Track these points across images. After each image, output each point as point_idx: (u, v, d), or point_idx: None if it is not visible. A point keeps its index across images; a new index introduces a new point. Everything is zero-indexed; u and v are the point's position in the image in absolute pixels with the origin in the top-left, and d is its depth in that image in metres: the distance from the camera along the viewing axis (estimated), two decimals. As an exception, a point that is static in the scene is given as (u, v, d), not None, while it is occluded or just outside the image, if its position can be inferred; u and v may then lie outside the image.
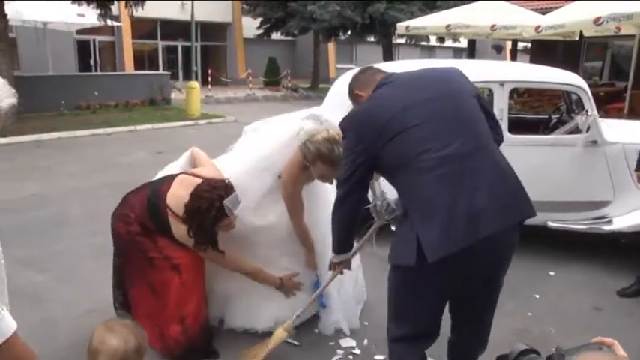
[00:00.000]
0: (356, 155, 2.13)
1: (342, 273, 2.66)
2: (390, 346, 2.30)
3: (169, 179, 3.02)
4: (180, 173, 3.09)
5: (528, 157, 4.37)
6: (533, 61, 14.11)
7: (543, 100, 10.83)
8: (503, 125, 4.35)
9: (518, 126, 5.07)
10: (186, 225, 2.80)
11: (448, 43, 23.43)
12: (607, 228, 4.29)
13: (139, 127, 12.04)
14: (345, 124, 2.23)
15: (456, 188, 1.95)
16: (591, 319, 3.56)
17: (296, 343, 3.16)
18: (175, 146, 9.60)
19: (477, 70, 4.86)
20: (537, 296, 3.87)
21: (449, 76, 2.24)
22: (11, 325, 1.31)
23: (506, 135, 4.34)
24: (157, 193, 2.94)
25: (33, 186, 6.71)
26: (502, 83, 4.32)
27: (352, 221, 2.31)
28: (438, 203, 1.95)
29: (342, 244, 2.43)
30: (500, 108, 4.36)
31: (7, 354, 1.30)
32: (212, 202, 2.71)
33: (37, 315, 3.42)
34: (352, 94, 2.41)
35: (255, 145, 3.25)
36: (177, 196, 2.84)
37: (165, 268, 2.91)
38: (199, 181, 2.86)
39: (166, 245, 2.91)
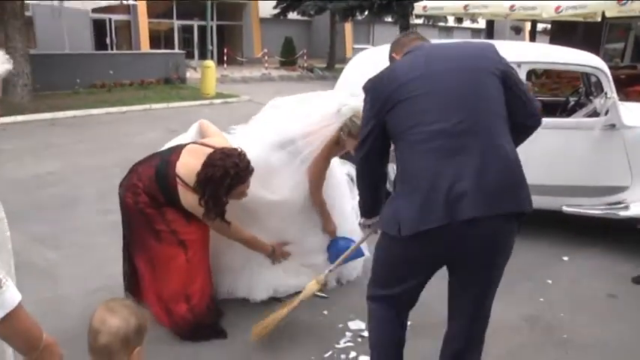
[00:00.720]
0: (369, 118, 2.14)
1: (376, 232, 2.51)
2: (367, 302, 2.38)
3: (178, 149, 3.00)
4: (189, 143, 3.08)
5: (544, 140, 4.28)
6: (552, 42, 13.78)
7: (562, 82, 10.58)
8: (520, 107, 4.27)
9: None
10: (196, 194, 2.78)
11: (466, 23, 23.01)
12: (623, 214, 4.20)
13: (153, 106, 12.07)
14: (365, 86, 2.21)
15: (442, 165, 1.92)
16: (605, 306, 3.50)
17: (325, 295, 3.38)
18: (190, 125, 9.61)
19: None
20: (550, 282, 3.81)
21: (478, 51, 2.16)
22: (15, 296, 1.29)
23: (523, 117, 4.27)
24: (166, 163, 2.92)
25: (48, 163, 6.77)
26: (519, 64, 4.21)
27: (375, 185, 2.31)
28: (421, 180, 1.94)
29: (369, 207, 2.41)
30: (517, 90, 4.26)
31: (11, 326, 1.28)
32: (227, 170, 2.70)
33: (49, 292, 3.46)
34: (390, 55, 2.40)
35: (279, 122, 3.33)
36: (188, 165, 2.83)
37: (172, 243, 2.91)
38: (210, 150, 2.85)
39: (175, 219, 2.91)
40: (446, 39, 24.67)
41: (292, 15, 22.19)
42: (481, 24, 18.03)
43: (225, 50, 20.09)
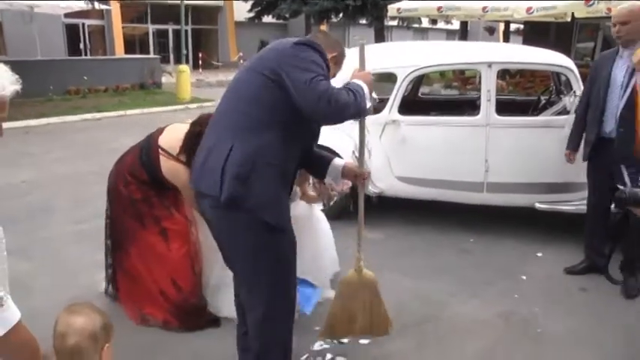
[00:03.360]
0: None
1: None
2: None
3: (162, 128, 3.16)
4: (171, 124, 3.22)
5: (516, 139, 4.38)
6: (526, 42, 14.03)
7: (535, 81, 10.81)
8: (491, 107, 4.34)
9: (507, 108, 5.06)
10: (178, 162, 2.92)
11: (440, 25, 23.28)
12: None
13: (129, 112, 11.95)
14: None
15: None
16: (577, 300, 3.58)
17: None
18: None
19: (465, 52, 4.85)
20: (524, 277, 3.88)
21: (266, 51, 2.22)
22: (16, 313, 1.40)
23: (494, 116, 4.34)
24: (148, 138, 3.13)
25: (22, 172, 6.65)
26: (490, 65, 4.28)
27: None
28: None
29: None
30: (488, 89, 4.33)
31: (11, 342, 1.39)
32: None
33: (21, 304, 3.32)
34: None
35: None
36: (169, 137, 3.02)
37: (154, 230, 3.06)
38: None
39: (158, 205, 3.08)
40: (420, 40, 24.86)
41: (267, 18, 22.15)
42: (455, 25, 18.23)
43: (200, 54, 19.97)
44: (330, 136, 4.88)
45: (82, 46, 19.69)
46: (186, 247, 3.11)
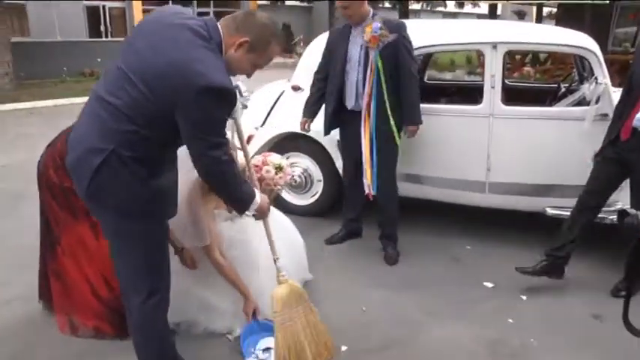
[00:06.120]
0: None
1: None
2: None
3: None
4: None
5: (527, 133, 3.75)
6: (558, 26, 13.08)
7: (566, 68, 9.94)
8: (496, 95, 3.72)
9: (521, 96, 4.42)
10: None
11: (467, 8, 22.16)
12: (616, 219, 3.62)
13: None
14: None
15: None
16: (587, 330, 2.96)
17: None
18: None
19: (466, 31, 4.18)
20: (524, 298, 3.29)
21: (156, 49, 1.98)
22: None
23: (499, 106, 3.73)
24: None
25: (8, 156, 6.39)
26: (495, 45, 3.65)
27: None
28: None
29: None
30: (492, 74, 3.70)
31: None
32: None
33: None
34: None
35: None
36: None
37: (85, 221, 2.72)
38: None
39: None
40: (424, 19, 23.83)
41: (290, 1, 21.62)
42: (483, 8, 17.25)
43: (221, 37, 19.58)
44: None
45: (102, 28, 19.46)
46: None
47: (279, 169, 3.04)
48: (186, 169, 2.28)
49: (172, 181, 2.15)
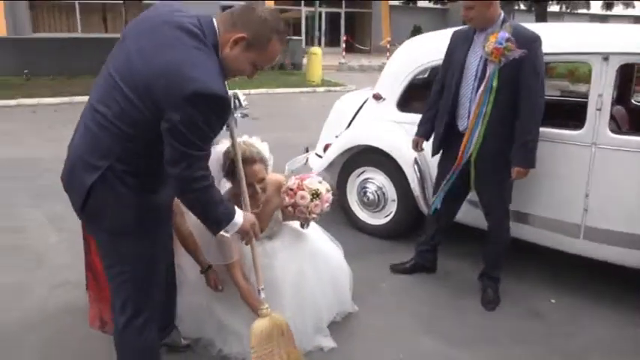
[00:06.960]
0: None
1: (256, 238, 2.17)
2: None
3: None
4: None
5: (635, 170, 2.95)
6: None
7: None
8: (602, 119, 2.97)
9: (632, 122, 3.58)
10: None
11: (618, 9, 19.44)
12: None
13: (252, 92, 11.77)
14: None
15: None
16: None
17: None
18: (269, 112, 9.15)
19: (571, 38, 3.38)
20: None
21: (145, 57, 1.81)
22: None
23: (606, 134, 3.00)
24: None
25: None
26: (606, 57, 2.92)
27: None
28: None
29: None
30: (600, 93, 2.96)
31: None
32: None
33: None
34: None
35: None
36: None
37: None
38: None
39: None
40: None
41: (424, 3, 20.93)
42: (638, 9, 15.02)
43: (345, 37, 19.67)
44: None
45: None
46: None
47: (315, 195, 2.67)
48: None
49: (169, 195, 1.97)
